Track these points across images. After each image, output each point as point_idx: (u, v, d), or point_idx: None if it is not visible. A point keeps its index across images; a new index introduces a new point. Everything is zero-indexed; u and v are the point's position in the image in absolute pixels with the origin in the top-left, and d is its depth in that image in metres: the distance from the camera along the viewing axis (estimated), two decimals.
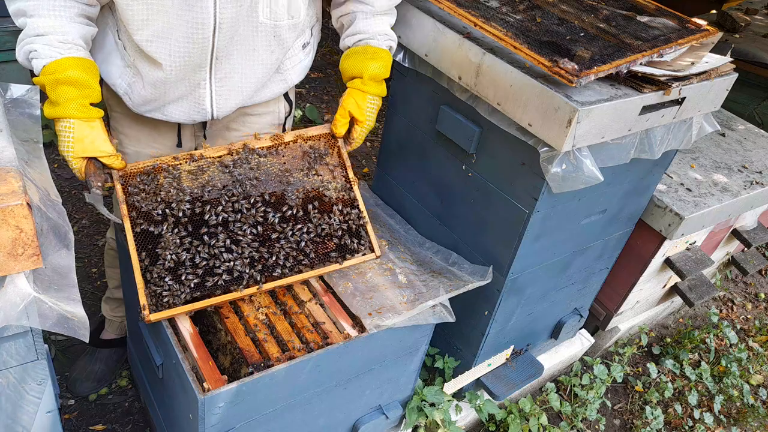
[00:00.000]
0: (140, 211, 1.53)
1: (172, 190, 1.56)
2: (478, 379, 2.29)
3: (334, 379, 1.68)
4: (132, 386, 2.38)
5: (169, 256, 1.51)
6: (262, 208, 1.63)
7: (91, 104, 1.45)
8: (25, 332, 1.16)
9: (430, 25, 1.83)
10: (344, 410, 1.88)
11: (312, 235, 1.67)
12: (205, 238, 1.55)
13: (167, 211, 1.54)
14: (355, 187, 1.77)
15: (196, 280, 1.52)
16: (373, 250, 1.77)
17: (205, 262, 1.54)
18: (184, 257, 1.52)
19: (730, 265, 3.68)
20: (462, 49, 1.75)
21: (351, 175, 1.77)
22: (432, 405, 2.13)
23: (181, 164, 1.60)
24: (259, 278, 1.59)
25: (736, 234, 2.99)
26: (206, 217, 1.56)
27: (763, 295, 3.81)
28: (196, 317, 1.76)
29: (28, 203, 1.01)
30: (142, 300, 1.48)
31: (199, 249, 1.54)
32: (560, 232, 1.95)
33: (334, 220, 1.72)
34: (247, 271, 1.58)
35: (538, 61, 1.55)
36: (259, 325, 1.60)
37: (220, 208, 1.58)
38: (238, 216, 1.60)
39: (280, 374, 1.48)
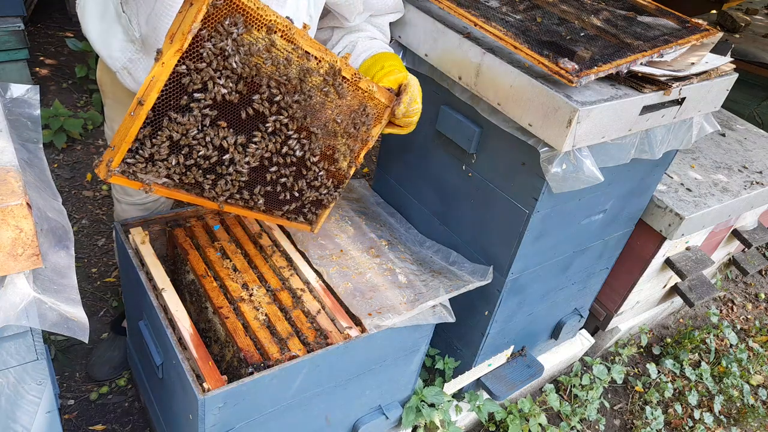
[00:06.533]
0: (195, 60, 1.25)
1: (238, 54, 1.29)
2: (478, 379, 2.29)
3: (333, 379, 1.68)
4: (132, 386, 2.38)
5: (166, 142, 1.32)
6: (293, 135, 1.51)
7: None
8: (25, 332, 1.16)
9: (430, 25, 1.83)
10: (344, 410, 1.88)
11: (289, 185, 1.62)
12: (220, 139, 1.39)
13: (210, 84, 1.30)
14: (352, 170, 1.75)
15: (170, 171, 1.37)
16: (311, 224, 1.81)
17: (196, 160, 1.39)
18: (185, 150, 1.36)
19: (731, 265, 3.68)
20: (462, 49, 1.75)
21: (362, 155, 1.75)
22: (431, 405, 2.13)
23: (273, 27, 1.31)
24: (220, 199, 1.51)
25: (736, 234, 2.99)
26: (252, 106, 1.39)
27: (763, 296, 3.81)
28: (196, 317, 1.76)
29: (27, 203, 1.01)
30: (120, 156, 1.28)
31: (203, 145, 1.38)
32: (560, 232, 1.95)
33: (318, 186, 1.69)
34: (226, 186, 1.48)
35: (538, 61, 1.55)
36: (258, 325, 1.60)
37: (255, 102, 1.40)
38: (269, 128, 1.45)
39: (280, 374, 1.48)
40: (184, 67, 1.24)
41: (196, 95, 1.29)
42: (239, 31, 1.25)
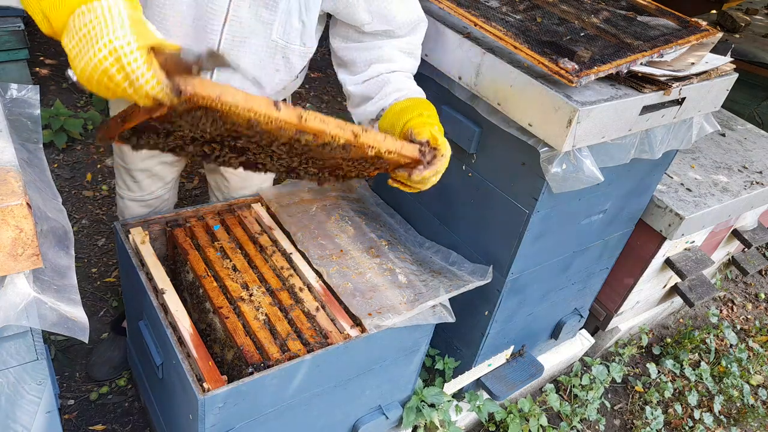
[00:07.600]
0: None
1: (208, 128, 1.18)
2: (478, 379, 2.29)
3: (334, 379, 1.68)
4: (132, 386, 2.38)
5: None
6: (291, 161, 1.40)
7: None
8: (25, 332, 1.16)
9: (430, 25, 1.83)
10: (344, 410, 1.88)
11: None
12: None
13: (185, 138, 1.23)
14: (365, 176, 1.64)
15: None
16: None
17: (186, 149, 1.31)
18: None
19: (731, 265, 3.68)
20: (462, 49, 1.75)
21: (374, 173, 1.61)
22: (431, 405, 2.13)
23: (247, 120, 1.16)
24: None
25: (736, 234, 2.99)
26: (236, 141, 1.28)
27: (763, 296, 3.81)
28: (196, 318, 1.76)
29: (27, 203, 1.01)
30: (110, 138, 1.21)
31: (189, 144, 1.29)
32: (560, 232, 1.95)
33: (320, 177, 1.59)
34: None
35: (538, 61, 1.55)
36: (258, 325, 1.60)
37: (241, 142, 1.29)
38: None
39: (280, 374, 1.48)
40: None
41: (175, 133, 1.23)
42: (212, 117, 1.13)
